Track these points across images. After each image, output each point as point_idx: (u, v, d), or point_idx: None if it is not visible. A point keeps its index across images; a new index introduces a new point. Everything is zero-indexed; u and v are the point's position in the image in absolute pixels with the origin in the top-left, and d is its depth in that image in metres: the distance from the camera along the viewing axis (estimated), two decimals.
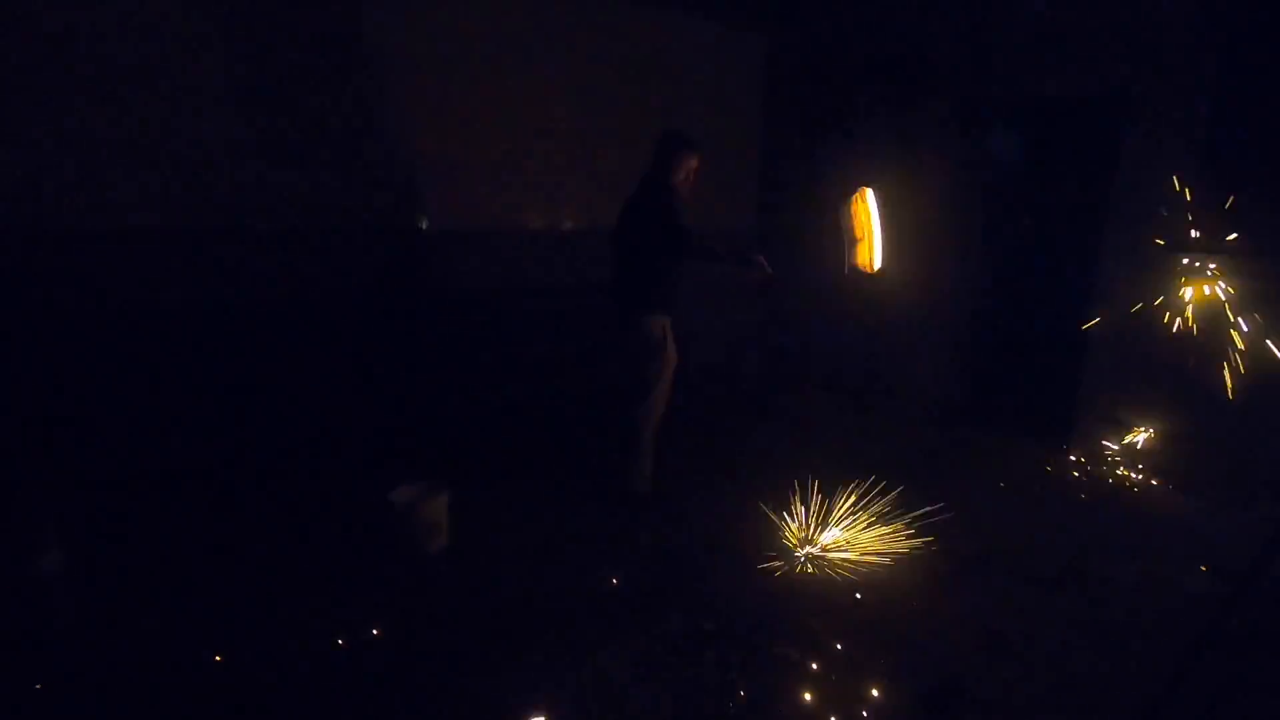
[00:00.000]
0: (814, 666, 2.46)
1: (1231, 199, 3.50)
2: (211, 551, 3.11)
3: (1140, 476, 4.04)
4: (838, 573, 3.04)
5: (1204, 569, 3.10)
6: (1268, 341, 3.37)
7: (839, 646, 2.57)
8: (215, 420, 3.79)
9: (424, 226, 4.30)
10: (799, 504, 3.42)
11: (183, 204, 3.52)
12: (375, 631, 2.60)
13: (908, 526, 3.32)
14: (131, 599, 2.75)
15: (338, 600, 2.79)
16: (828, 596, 2.89)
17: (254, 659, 2.45)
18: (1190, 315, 3.76)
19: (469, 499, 3.43)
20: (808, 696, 2.32)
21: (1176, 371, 3.85)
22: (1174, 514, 3.68)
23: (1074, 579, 3.04)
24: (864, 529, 3.35)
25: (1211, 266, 3.71)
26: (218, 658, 2.43)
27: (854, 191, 3.17)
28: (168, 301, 3.56)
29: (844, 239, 3.21)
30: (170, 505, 3.43)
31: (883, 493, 3.55)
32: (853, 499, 3.49)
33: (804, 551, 3.17)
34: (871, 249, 3.14)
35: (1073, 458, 4.34)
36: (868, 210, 3.12)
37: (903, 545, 3.22)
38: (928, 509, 3.41)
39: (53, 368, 3.29)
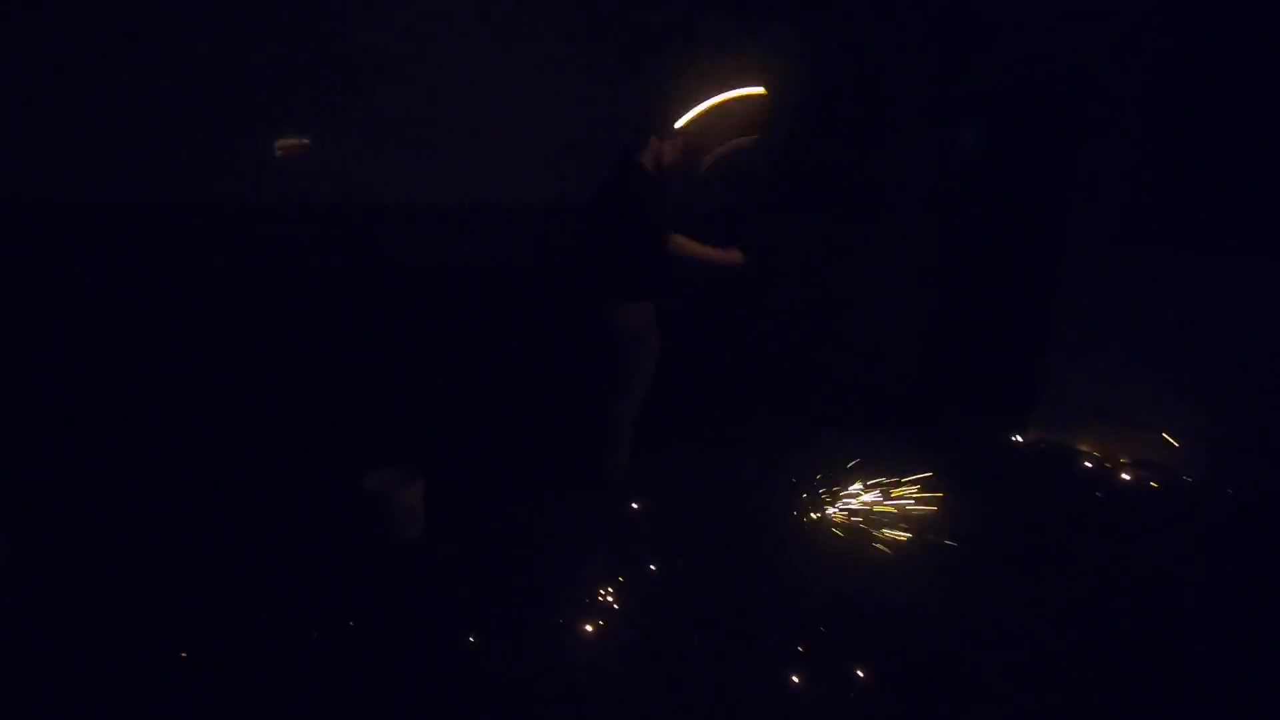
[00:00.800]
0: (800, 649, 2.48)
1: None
2: (175, 542, 2.96)
3: (1104, 461, 4.14)
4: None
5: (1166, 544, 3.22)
6: None
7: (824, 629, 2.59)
8: (172, 406, 3.60)
9: None
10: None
11: None
12: (351, 624, 2.51)
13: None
14: (88, 593, 2.60)
15: (311, 591, 2.68)
16: (812, 580, 2.91)
17: (220, 654, 2.34)
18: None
19: (441, 484, 3.34)
20: (796, 679, 2.33)
21: (1138, 359, 3.98)
22: (1138, 494, 3.81)
23: (1047, 561, 3.12)
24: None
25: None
26: (183, 654, 2.31)
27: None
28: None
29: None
30: (125, 495, 3.26)
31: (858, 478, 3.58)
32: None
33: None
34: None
35: (1037, 444, 4.42)
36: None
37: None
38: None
39: None
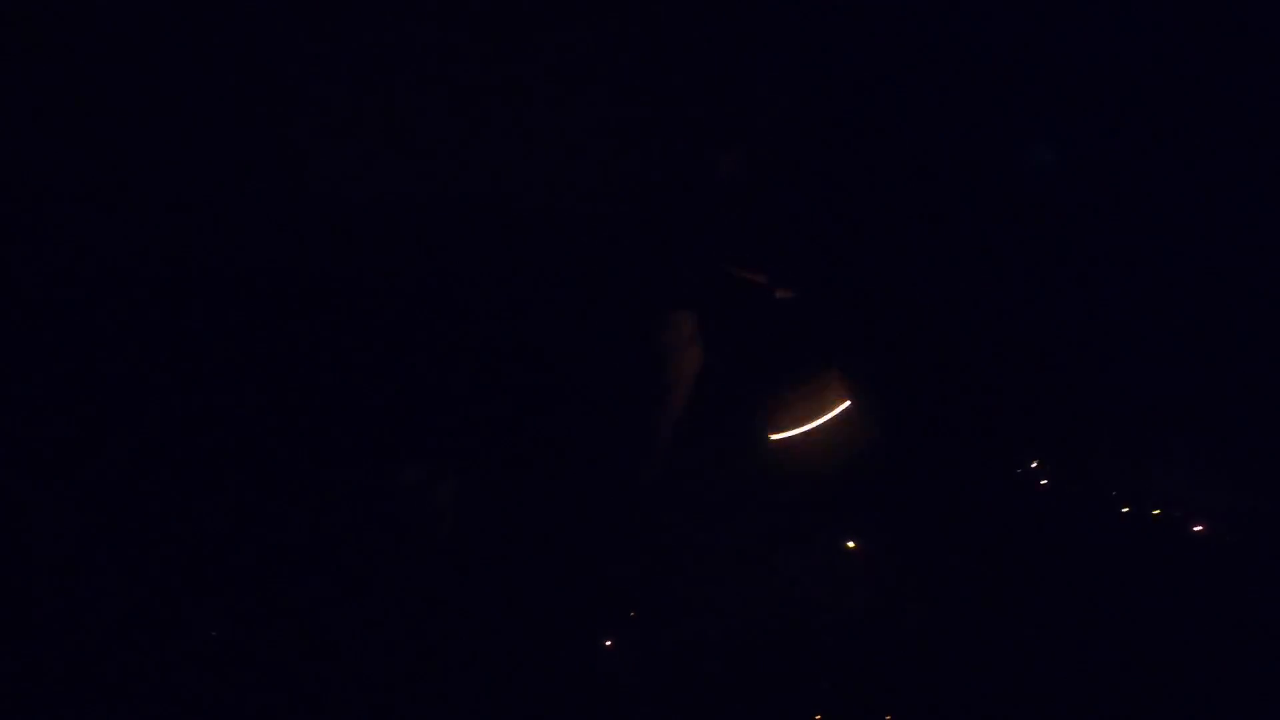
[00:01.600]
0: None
1: None
2: (203, 539, 2.94)
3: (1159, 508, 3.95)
4: None
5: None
6: None
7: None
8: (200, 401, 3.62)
9: None
10: None
11: None
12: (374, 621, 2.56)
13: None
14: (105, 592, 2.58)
15: (335, 587, 2.71)
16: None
17: (241, 648, 2.39)
18: None
19: (471, 486, 3.35)
20: None
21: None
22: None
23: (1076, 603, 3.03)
24: None
25: None
26: (212, 632, 2.38)
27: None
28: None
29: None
30: (143, 491, 3.26)
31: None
32: None
33: None
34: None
35: (1078, 480, 4.26)
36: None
37: None
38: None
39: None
